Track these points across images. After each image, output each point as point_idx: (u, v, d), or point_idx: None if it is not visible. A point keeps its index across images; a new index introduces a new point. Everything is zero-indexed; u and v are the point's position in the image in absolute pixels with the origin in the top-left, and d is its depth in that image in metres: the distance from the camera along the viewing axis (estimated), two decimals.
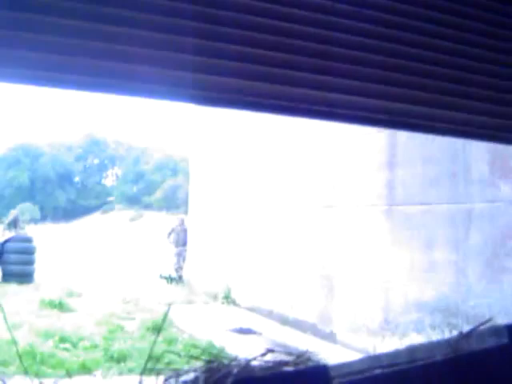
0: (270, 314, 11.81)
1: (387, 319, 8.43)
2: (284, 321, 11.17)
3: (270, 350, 1.64)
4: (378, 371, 1.62)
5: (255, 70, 3.22)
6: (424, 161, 7.86)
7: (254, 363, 1.58)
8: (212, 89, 3.74)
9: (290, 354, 1.63)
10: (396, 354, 2.05)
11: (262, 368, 1.59)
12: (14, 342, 6.30)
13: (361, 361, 1.80)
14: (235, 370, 1.54)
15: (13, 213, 18.86)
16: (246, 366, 1.58)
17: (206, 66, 3.31)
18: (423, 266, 7.74)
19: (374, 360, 1.88)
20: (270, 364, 1.59)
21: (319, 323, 10.10)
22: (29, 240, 16.98)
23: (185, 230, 18.10)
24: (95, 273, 20.23)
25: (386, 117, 3.42)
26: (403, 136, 8.17)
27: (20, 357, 7.02)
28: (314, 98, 3.19)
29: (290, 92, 3.26)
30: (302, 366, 1.58)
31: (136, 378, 1.73)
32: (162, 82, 3.55)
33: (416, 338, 7.66)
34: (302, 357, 1.61)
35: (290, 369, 1.59)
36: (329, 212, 9.90)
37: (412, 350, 2.15)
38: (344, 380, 1.63)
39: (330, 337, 9.66)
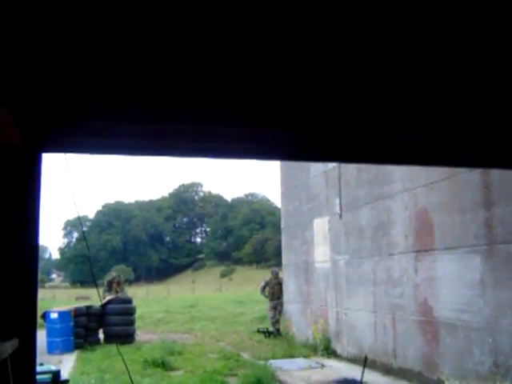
0: (372, 364, 11.57)
1: (497, 362, 8.12)
2: (388, 370, 10.93)
3: None
4: None
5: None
6: None
7: None
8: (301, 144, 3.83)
9: None
10: None
11: None
12: None
13: None
14: None
15: (112, 275, 19.31)
16: None
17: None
18: None
19: None
20: None
21: (425, 371, 9.82)
22: (128, 301, 17.33)
23: (279, 283, 18.07)
24: (197, 330, 20.44)
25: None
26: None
27: None
28: None
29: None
30: None
31: None
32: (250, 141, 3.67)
33: None
34: None
35: None
36: (427, 256, 9.73)
37: None
38: None
39: None
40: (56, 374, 5.36)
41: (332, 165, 13.63)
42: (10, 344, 2.89)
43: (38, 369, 4.12)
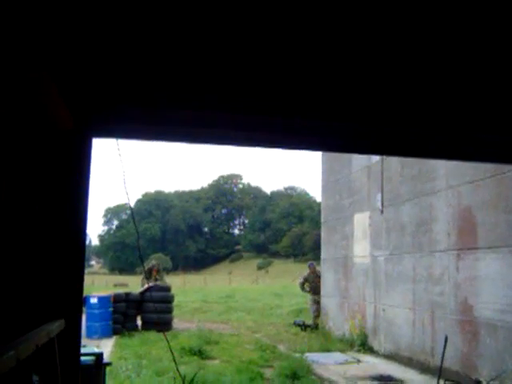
0: (409, 362, 11.49)
1: None
2: (425, 368, 10.83)
3: None
4: None
5: None
6: None
7: None
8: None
9: None
10: None
11: None
12: None
13: None
14: None
15: (152, 262, 19.45)
16: None
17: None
18: None
19: None
20: None
21: (463, 370, 9.70)
22: (167, 289, 17.45)
23: (318, 277, 17.97)
24: (233, 321, 20.51)
25: None
26: None
27: None
28: None
29: None
30: None
31: None
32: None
33: None
34: None
35: None
36: (470, 255, 9.60)
37: None
38: None
39: None
40: (99, 357, 5.45)
41: (375, 159, 13.52)
42: (57, 324, 2.95)
43: (82, 350, 4.19)
